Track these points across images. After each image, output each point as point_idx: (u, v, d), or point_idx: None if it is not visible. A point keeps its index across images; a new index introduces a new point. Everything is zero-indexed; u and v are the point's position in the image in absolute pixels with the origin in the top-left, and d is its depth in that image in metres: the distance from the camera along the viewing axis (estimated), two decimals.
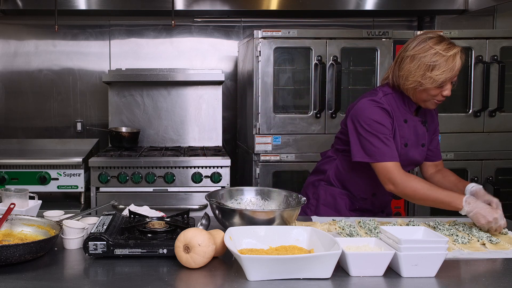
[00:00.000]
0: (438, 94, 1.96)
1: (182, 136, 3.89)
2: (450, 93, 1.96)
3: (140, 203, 2.08)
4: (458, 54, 1.91)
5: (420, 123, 2.11)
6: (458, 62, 1.90)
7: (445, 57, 1.89)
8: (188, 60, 4.05)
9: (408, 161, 2.11)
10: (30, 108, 4.02)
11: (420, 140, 2.10)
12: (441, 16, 3.86)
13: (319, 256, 1.37)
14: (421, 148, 2.12)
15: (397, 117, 2.04)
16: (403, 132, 2.05)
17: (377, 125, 1.99)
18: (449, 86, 1.94)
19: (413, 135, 2.08)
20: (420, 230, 1.57)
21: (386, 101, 2.03)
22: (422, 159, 2.15)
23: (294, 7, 3.77)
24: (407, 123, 2.06)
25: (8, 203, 1.80)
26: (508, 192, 3.36)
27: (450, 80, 1.93)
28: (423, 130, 2.11)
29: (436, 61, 1.90)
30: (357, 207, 2.23)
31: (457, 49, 1.91)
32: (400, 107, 2.05)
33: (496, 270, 1.50)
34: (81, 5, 3.69)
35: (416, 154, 2.11)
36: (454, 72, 1.91)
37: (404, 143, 2.06)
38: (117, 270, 1.48)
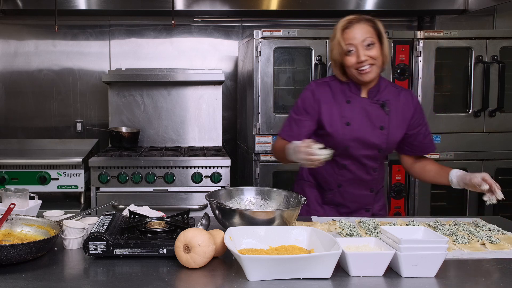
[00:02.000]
0: (354, 62, 2.03)
1: (182, 136, 3.89)
2: (364, 58, 2.00)
3: (140, 203, 2.08)
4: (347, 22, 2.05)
5: (375, 105, 2.11)
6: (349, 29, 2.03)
7: (337, 29, 2.07)
8: (188, 60, 4.05)
9: (357, 142, 2.10)
10: (30, 108, 4.03)
11: (374, 122, 2.10)
12: (441, 16, 3.86)
13: (319, 256, 1.37)
14: (378, 131, 2.10)
15: (338, 100, 2.12)
16: (344, 111, 2.10)
17: (295, 105, 2.18)
18: (361, 52, 2.01)
19: (362, 115, 2.10)
20: (420, 230, 1.57)
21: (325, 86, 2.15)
22: (384, 144, 2.11)
23: (294, 7, 3.77)
24: (350, 104, 2.11)
25: (8, 203, 1.80)
26: (508, 192, 3.36)
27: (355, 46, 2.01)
28: (379, 112, 2.10)
29: (333, 35, 2.09)
30: (326, 199, 2.23)
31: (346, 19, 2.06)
32: (345, 90, 2.13)
33: (496, 270, 1.50)
34: (81, 5, 3.69)
35: (369, 136, 2.10)
36: (347, 38, 2.02)
37: (346, 122, 2.09)
38: (117, 270, 1.48)
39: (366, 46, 2.01)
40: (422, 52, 3.23)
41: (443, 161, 3.27)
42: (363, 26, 2.03)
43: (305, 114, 2.13)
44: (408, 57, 3.26)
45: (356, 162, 2.14)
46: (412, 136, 2.17)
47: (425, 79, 3.25)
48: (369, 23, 2.04)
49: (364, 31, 2.02)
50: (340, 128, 2.09)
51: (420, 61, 3.24)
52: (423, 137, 2.19)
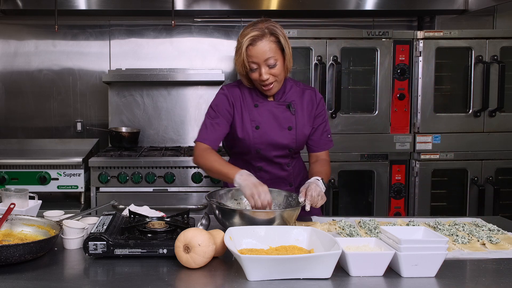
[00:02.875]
0: (257, 78, 2.03)
1: (182, 136, 3.89)
2: (267, 77, 2.00)
3: (140, 203, 2.08)
4: (250, 40, 1.98)
5: (281, 106, 2.13)
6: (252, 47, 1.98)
7: (242, 43, 2.00)
8: (188, 60, 4.05)
9: (267, 144, 2.12)
10: (30, 108, 4.02)
11: (282, 123, 2.12)
12: (441, 16, 3.86)
13: (319, 256, 1.37)
14: (287, 132, 2.13)
15: (247, 103, 2.14)
16: (253, 115, 2.12)
17: (210, 109, 2.18)
18: (263, 70, 2.00)
19: (270, 118, 2.12)
20: (420, 230, 1.57)
21: (236, 89, 2.16)
22: (293, 143, 2.13)
23: (294, 7, 3.77)
24: (258, 107, 2.13)
25: (8, 203, 1.80)
26: (508, 192, 3.37)
27: (258, 64, 1.99)
28: (286, 114, 2.13)
29: (237, 47, 2.05)
30: None
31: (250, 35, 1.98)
32: (253, 93, 2.15)
33: (496, 270, 1.50)
34: (81, 5, 3.69)
35: (278, 137, 2.11)
36: (251, 56, 1.99)
37: (255, 126, 2.11)
38: (117, 270, 1.48)
39: (268, 65, 2.00)
40: (422, 52, 3.23)
41: (443, 161, 3.29)
42: (266, 43, 1.98)
43: (220, 117, 2.14)
44: (408, 57, 3.26)
45: (269, 162, 2.16)
46: (310, 132, 2.19)
47: (425, 79, 3.25)
48: (272, 38, 1.99)
49: (267, 49, 1.98)
50: (250, 132, 2.12)
51: (420, 61, 3.24)
52: (321, 133, 2.20)
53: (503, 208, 3.30)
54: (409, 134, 3.28)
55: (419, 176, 3.30)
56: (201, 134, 2.14)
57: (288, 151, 2.15)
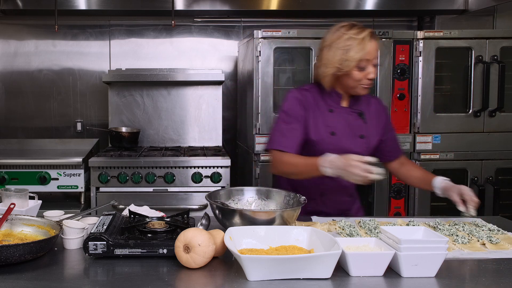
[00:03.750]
0: (362, 78, 2.02)
1: (182, 136, 3.89)
2: (374, 76, 2.03)
3: (140, 203, 2.08)
4: (368, 36, 2.01)
5: (354, 114, 2.13)
6: (369, 43, 2.00)
7: (357, 40, 1.99)
8: (188, 60, 4.05)
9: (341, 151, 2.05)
10: (30, 108, 4.02)
11: (355, 131, 2.12)
12: (441, 16, 3.86)
13: (319, 256, 1.37)
14: (359, 140, 2.12)
15: (320, 108, 2.11)
16: (328, 121, 2.10)
17: (283, 114, 2.11)
18: (372, 69, 2.02)
19: (344, 125, 2.11)
20: (420, 230, 1.57)
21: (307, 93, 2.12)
22: (364, 152, 2.10)
23: (294, 7, 3.77)
24: (333, 112, 2.11)
25: (8, 203, 1.80)
26: (508, 192, 3.36)
27: (369, 62, 2.01)
28: (358, 121, 2.13)
29: (349, 44, 2.00)
30: (309, 210, 2.16)
31: (367, 31, 2.01)
32: (326, 98, 2.12)
33: (496, 270, 1.50)
34: (81, 5, 3.69)
35: (351, 145, 2.10)
36: (367, 51, 1.99)
37: (331, 132, 2.09)
38: (117, 270, 1.48)
39: (374, 64, 2.04)
40: (422, 52, 3.23)
41: (443, 161, 3.28)
42: (376, 43, 2.04)
43: (295, 122, 2.08)
44: (408, 57, 3.26)
45: None
46: (383, 141, 2.21)
47: (425, 79, 3.25)
48: (378, 41, 2.06)
49: (376, 48, 2.04)
50: (325, 137, 2.09)
51: (420, 61, 3.24)
52: (392, 142, 2.23)
53: (503, 208, 3.30)
54: (409, 134, 3.28)
55: None
56: (279, 141, 2.05)
57: None
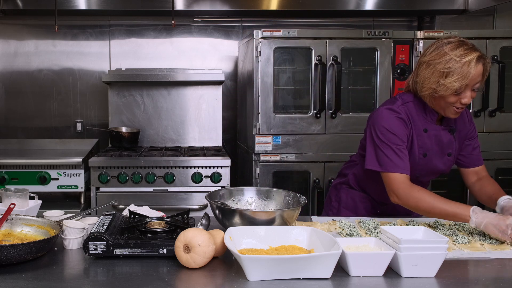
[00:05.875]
0: (456, 101, 1.88)
1: (182, 136, 3.89)
2: (470, 100, 1.88)
3: (140, 203, 2.08)
4: (474, 60, 1.82)
5: (445, 131, 2.03)
6: (473, 69, 1.81)
7: (459, 64, 1.82)
8: (188, 60, 4.05)
9: (428, 171, 2.06)
10: (30, 108, 4.02)
11: (445, 149, 2.03)
12: (441, 16, 3.85)
13: (319, 256, 1.37)
14: (446, 158, 2.05)
15: (416, 127, 1.99)
16: (422, 142, 2.00)
17: (391, 135, 1.95)
18: (469, 94, 1.86)
19: (435, 144, 2.02)
20: (420, 230, 1.57)
21: (404, 109, 1.99)
22: (447, 168, 2.07)
23: (294, 7, 3.77)
24: (427, 133, 2.00)
25: (8, 203, 1.80)
26: (508, 192, 3.35)
27: (468, 87, 1.85)
28: (449, 138, 2.03)
29: (450, 67, 1.83)
30: (378, 212, 2.20)
31: (473, 55, 1.82)
32: (420, 115, 2.00)
33: (496, 270, 1.50)
34: (81, 5, 3.69)
35: (439, 164, 2.04)
36: (469, 79, 1.82)
37: (423, 153, 2.01)
38: (117, 270, 1.48)
39: (474, 88, 1.87)
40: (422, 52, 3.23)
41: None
42: (481, 67, 1.83)
43: (401, 142, 1.96)
44: (408, 57, 3.26)
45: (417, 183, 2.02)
46: (461, 146, 2.11)
47: None
48: (485, 62, 1.85)
49: (481, 73, 1.84)
50: (417, 159, 2.01)
51: None
52: (472, 149, 2.12)
53: None
54: None
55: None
56: (397, 164, 1.93)
57: (439, 175, 2.09)
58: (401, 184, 1.91)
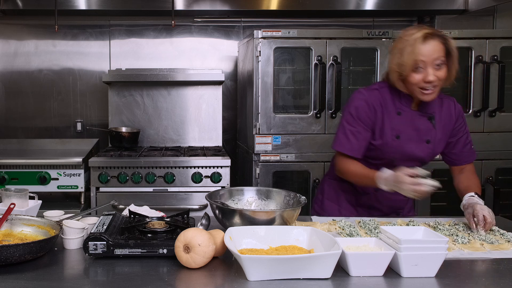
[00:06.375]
0: (421, 80, 1.94)
1: (182, 136, 3.89)
2: (434, 78, 1.92)
3: (140, 203, 2.08)
4: (421, 36, 1.91)
5: (423, 118, 2.06)
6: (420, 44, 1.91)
7: (409, 41, 1.93)
8: (188, 60, 4.05)
9: (404, 155, 2.06)
10: (30, 108, 4.02)
11: (422, 135, 2.06)
12: (441, 16, 3.86)
13: (319, 256, 1.37)
14: (424, 145, 2.06)
15: (388, 109, 2.05)
16: (395, 124, 2.05)
17: (349, 116, 2.08)
18: (431, 71, 1.92)
19: (411, 128, 2.05)
20: (420, 230, 1.57)
21: (377, 93, 2.07)
22: (427, 156, 2.08)
23: (294, 7, 3.77)
24: (401, 115, 2.05)
25: (8, 203, 1.80)
26: (508, 192, 3.36)
27: (427, 64, 1.92)
28: (427, 125, 2.06)
29: (402, 47, 1.95)
30: (361, 203, 2.21)
31: (422, 31, 1.92)
32: (395, 99, 2.06)
33: (496, 270, 1.50)
34: (81, 5, 3.69)
35: (416, 150, 2.06)
36: (420, 54, 1.90)
37: (396, 135, 2.05)
38: (117, 270, 1.48)
39: (436, 65, 1.92)
40: None
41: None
42: (437, 43, 1.92)
43: (361, 124, 2.05)
44: None
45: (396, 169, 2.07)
46: (451, 144, 2.13)
47: None
48: (441, 40, 1.93)
49: (438, 49, 1.91)
50: (389, 141, 2.05)
51: None
52: (462, 146, 2.13)
53: (503, 208, 3.30)
54: None
55: None
56: (343, 144, 2.07)
57: (420, 163, 2.08)
58: (340, 158, 2.10)
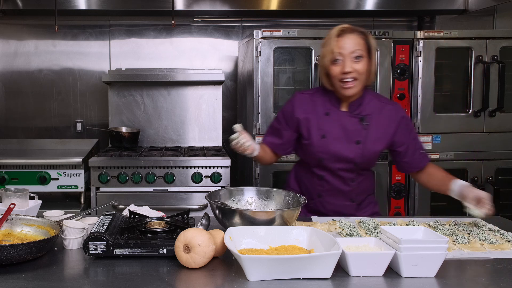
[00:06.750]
0: (338, 73, 2.03)
1: (182, 136, 3.89)
2: (352, 69, 2.01)
3: (140, 203, 2.08)
4: (337, 31, 2.03)
5: (354, 119, 2.11)
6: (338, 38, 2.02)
7: (330, 35, 2.06)
8: (188, 60, 4.05)
9: (331, 155, 2.10)
10: (30, 108, 4.02)
11: (351, 136, 2.10)
12: (441, 16, 3.86)
13: (319, 256, 1.37)
14: (354, 145, 2.09)
15: (317, 110, 2.15)
16: (322, 124, 2.12)
17: (279, 113, 2.26)
18: (348, 63, 2.01)
19: (339, 128, 2.11)
20: (420, 230, 1.57)
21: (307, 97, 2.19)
22: (357, 157, 2.10)
23: (294, 7, 3.77)
24: (329, 116, 2.13)
25: (8, 203, 1.80)
26: (508, 192, 3.36)
27: (344, 56, 2.01)
28: (356, 126, 2.10)
29: (324, 41, 2.09)
30: (309, 208, 2.23)
31: (339, 27, 2.05)
32: (326, 101, 2.15)
33: (496, 270, 1.50)
34: (81, 5, 3.69)
35: (343, 150, 2.10)
36: (336, 46, 2.01)
37: (322, 135, 2.11)
38: (117, 270, 1.48)
39: (354, 58, 2.01)
40: (422, 52, 3.23)
41: (443, 161, 3.28)
42: (355, 37, 2.02)
43: (284, 124, 2.21)
44: (408, 57, 3.26)
45: (332, 174, 2.14)
46: (401, 154, 2.16)
47: (425, 79, 3.25)
48: (361, 35, 2.04)
49: (355, 42, 2.02)
50: (315, 140, 2.11)
51: (420, 61, 3.24)
52: (412, 153, 2.15)
53: (503, 208, 3.30)
54: None
55: None
56: (267, 137, 2.28)
57: (353, 165, 2.11)
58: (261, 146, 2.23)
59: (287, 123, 2.20)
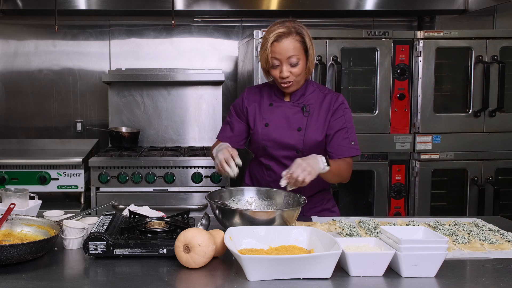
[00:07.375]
0: (277, 76, 2.09)
1: (182, 136, 3.89)
2: (288, 74, 2.05)
3: (140, 203, 2.08)
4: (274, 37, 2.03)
5: (296, 108, 2.17)
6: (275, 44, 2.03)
7: (268, 39, 2.06)
8: (188, 60, 4.05)
9: (273, 142, 2.16)
10: (30, 108, 4.02)
11: (293, 123, 2.15)
12: (441, 16, 3.86)
13: (319, 256, 1.37)
14: (296, 132, 2.15)
15: (263, 102, 2.23)
16: (265, 114, 2.20)
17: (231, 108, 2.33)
18: (285, 68, 2.05)
19: (281, 117, 2.17)
20: (420, 230, 1.57)
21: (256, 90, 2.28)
22: (298, 144, 2.14)
23: (294, 7, 3.77)
24: (272, 106, 2.20)
25: (8, 203, 1.80)
26: (508, 192, 3.36)
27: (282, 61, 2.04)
28: (298, 115, 2.16)
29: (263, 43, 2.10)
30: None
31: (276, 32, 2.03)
32: (272, 94, 2.23)
33: (496, 270, 1.50)
34: (81, 5, 3.69)
35: (284, 136, 2.15)
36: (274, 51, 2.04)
37: (265, 123, 2.19)
38: (117, 270, 1.48)
39: (290, 63, 2.05)
40: (422, 52, 3.23)
41: (443, 161, 3.29)
42: (290, 42, 2.04)
43: (236, 117, 2.29)
44: (408, 57, 3.26)
45: (277, 162, 2.18)
46: (329, 137, 2.16)
47: (425, 79, 3.25)
48: (297, 37, 2.05)
49: (291, 47, 2.03)
50: (259, 129, 2.19)
51: (420, 61, 3.24)
52: (340, 140, 2.15)
53: (503, 208, 3.30)
54: (409, 134, 3.28)
55: (419, 176, 3.30)
56: (220, 132, 2.34)
57: (296, 152, 2.14)
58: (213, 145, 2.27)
59: (238, 115, 2.28)
